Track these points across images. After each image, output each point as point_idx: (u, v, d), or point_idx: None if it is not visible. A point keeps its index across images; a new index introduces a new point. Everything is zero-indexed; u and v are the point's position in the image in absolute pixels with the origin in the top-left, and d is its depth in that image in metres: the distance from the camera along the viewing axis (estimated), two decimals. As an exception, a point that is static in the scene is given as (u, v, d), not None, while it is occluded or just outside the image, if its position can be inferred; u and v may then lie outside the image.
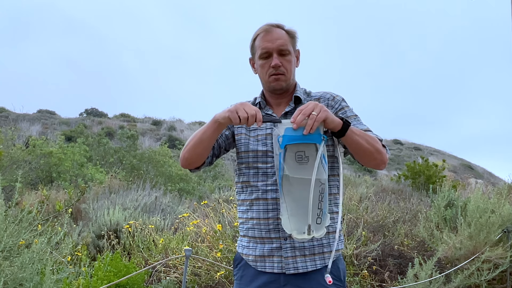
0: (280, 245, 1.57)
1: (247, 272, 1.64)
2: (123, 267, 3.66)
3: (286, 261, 1.56)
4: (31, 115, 28.62)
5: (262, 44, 1.62)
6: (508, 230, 3.95)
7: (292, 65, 1.65)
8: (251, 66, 1.73)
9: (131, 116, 34.09)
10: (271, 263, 1.59)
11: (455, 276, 3.73)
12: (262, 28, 1.65)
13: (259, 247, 1.61)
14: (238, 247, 1.71)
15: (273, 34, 1.62)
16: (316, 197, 1.34)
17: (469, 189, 9.75)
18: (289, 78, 1.64)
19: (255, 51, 1.66)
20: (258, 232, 1.61)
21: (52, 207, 6.01)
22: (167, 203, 7.45)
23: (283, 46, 1.61)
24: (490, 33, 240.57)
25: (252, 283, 1.62)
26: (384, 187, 10.51)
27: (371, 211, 5.27)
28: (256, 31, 1.66)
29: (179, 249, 4.40)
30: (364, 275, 3.97)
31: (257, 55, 1.64)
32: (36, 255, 2.73)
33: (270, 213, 1.58)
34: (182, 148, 1.66)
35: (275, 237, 1.58)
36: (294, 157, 1.35)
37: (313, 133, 1.32)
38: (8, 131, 11.57)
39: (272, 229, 1.58)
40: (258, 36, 1.64)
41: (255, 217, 1.61)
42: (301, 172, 1.35)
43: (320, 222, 1.37)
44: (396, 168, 26.76)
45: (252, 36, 1.68)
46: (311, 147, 1.35)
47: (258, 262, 1.61)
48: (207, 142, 1.56)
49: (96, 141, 16.07)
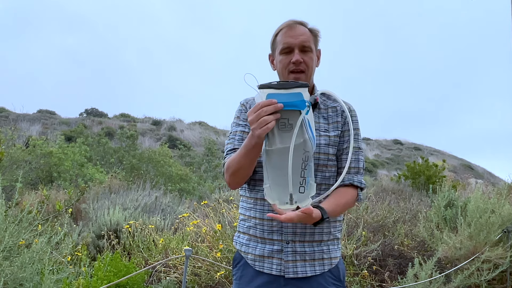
0: (282, 248, 1.56)
1: (246, 272, 1.63)
2: (123, 267, 3.65)
3: (286, 265, 1.55)
4: (31, 115, 28.63)
5: (284, 39, 1.57)
6: (508, 230, 3.95)
7: (314, 63, 1.61)
8: (270, 62, 1.68)
9: (131, 116, 34.10)
10: (270, 264, 1.57)
11: (455, 276, 3.73)
12: (285, 24, 1.61)
13: (259, 247, 1.59)
14: (236, 244, 1.69)
15: (296, 30, 1.58)
16: (298, 165, 1.27)
17: (469, 189, 9.75)
18: (309, 77, 1.59)
19: (276, 46, 1.62)
20: (260, 231, 1.59)
21: (52, 207, 6.01)
22: (167, 203, 7.44)
23: (305, 43, 1.57)
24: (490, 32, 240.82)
25: (251, 283, 1.60)
26: (384, 187, 10.50)
27: (371, 211, 5.26)
28: (278, 27, 1.62)
29: (179, 249, 4.40)
30: (364, 275, 3.97)
31: (277, 51, 1.60)
32: (36, 255, 2.73)
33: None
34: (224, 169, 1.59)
35: (277, 239, 1.56)
36: (277, 124, 1.27)
37: (296, 100, 1.24)
38: (8, 131, 11.57)
39: (276, 231, 1.57)
40: (281, 32, 1.60)
41: (259, 216, 1.59)
42: (284, 140, 1.27)
43: (304, 192, 1.30)
44: (396, 168, 26.78)
45: (274, 31, 1.63)
46: (295, 113, 1.26)
47: (257, 261, 1.60)
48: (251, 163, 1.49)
49: (96, 141, 16.08)
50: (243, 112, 1.68)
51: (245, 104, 1.70)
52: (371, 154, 32.36)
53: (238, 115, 1.68)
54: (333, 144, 1.60)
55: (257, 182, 1.60)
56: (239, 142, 1.60)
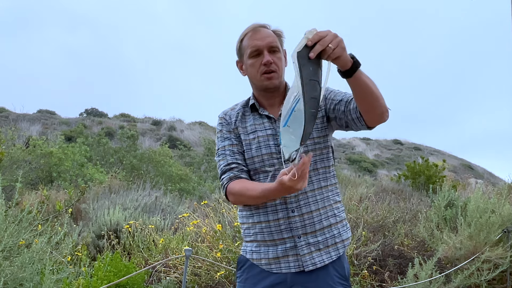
0: (295, 243, 1.56)
1: (252, 274, 1.62)
2: (123, 267, 3.65)
3: (304, 259, 1.55)
4: (31, 115, 28.60)
5: (251, 42, 1.60)
6: (508, 230, 3.95)
7: (283, 63, 1.63)
8: (239, 68, 1.70)
9: (131, 116, 34.07)
10: (286, 263, 1.57)
11: (455, 276, 3.73)
12: (249, 28, 1.64)
13: (271, 250, 1.58)
14: (246, 253, 1.66)
15: (262, 32, 1.61)
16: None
17: (469, 189, 9.75)
18: (280, 76, 1.63)
19: (243, 52, 1.64)
20: (268, 235, 1.58)
21: (52, 207, 6.01)
22: (167, 203, 7.44)
23: (273, 43, 1.60)
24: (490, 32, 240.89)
25: (257, 285, 1.59)
26: (384, 187, 10.51)
27: (371, 211, 5.27)
28: (242, 32, 1.65)
29: (179, 249, 4.40)
30: (364, 275, 3.97)
31: (246, 55, 1.62)
32: (36, 255, 2.73)
33: (280, 213, 1.57)
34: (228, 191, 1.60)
35: (287, 237, 1.56)
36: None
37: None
38: (8, 131, 11.56)
39: (284, 229, 1.56)
40: (246, 36, 1.63)
41: (263, 220, 1.59)
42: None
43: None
44: (396, 168, 26.77)
45: (238, 38, 1.66)
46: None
47: (273, 264, 1.58)
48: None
49: (96, 141, 16.05)
50: (224, 125, 1.69)
51: (224, 116, 1.71)
52: (371, 154, 32.35)
53: (221, 129, 1.69)
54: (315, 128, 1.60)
55: None
56: (232, 157, 1.61)
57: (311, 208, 1.57)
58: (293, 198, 1.56)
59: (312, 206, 1.57)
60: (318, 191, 1.59)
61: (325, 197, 1.61)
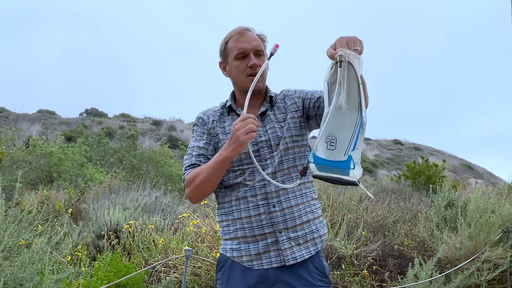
0: (276, 239, 1.59)
1: (233, 275, 1.63)
2: (123, 267, 3.66)
3: (285, 253, 1.58)
4: (31, 115, 28.60)
5: (237, 45, 1.64)
6: (508, 230, 3.95)
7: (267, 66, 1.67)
8: (222, 69, 1.73)
9: (131, 116, 34.07)
10: (268, 259, 1.59)
11: (455, 276, 3.73)
12: (235, 31, 1.67)
13: (252, 246, 1.60)
14: (225, 252, 1.67)
15: (248, 35, 1.66)
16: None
17: (469, 189, 9.75)
18: (265, 79, 1.68)
19: (228, 53, 1.67)
20: (249, 230, 1.60)
21: (52, 207, 6.01)
22: (167, 203, 7.44)
23: (259, 47, 1.65)
24: (491, 32, 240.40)
25: (239, 284, 1.60)
26: (384, 187, 10.51)
27: (371, 211, 5.27)
28: (227, 35, 1.68)
29: (179, 249, 4.40)
30: (364, 275, 3.97)
31: (231, 57, 1.65)
32: (36, 255, 2.73)
33: (261, 208, 1.59)
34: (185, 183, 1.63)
35: (269, 232, 1.59)
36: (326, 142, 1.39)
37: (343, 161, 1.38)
38: (8, 131, 11.56)
39: (265, 224, 1.59)
40: (232, 38, 1.67)
41: (245, 216, 1.61)
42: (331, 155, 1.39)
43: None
44: (396, 168, 26.77)
45: (223, 39, 1.69)
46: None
47: (254, 261, 1.60)
48: (218, 178, 1.56)
49: (96, 141, 16.05)
50: (199, 126, 1.73)
51: (202, 116, 1.75)
52: (371, 154, 32.35)
53: (196, 129, 1.74)
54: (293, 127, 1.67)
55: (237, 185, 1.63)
56: (197, 158, 1.65)
57: (291, 203, 1.62)
58: (274, 194, 1.60)
59: (292, 201, 1.62)
60: (297, 188, 1.64)
61: (303, 193, 1.66)
